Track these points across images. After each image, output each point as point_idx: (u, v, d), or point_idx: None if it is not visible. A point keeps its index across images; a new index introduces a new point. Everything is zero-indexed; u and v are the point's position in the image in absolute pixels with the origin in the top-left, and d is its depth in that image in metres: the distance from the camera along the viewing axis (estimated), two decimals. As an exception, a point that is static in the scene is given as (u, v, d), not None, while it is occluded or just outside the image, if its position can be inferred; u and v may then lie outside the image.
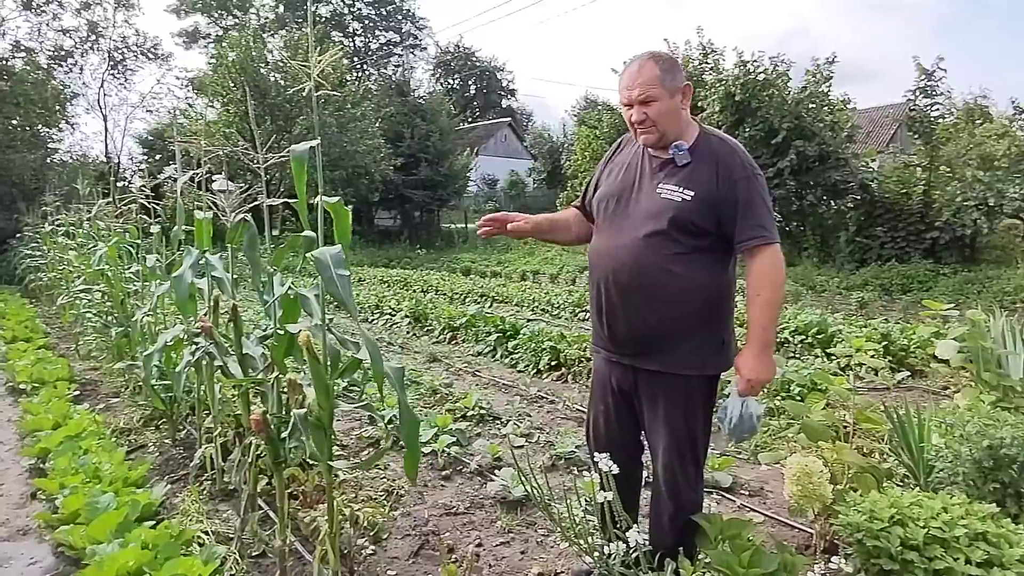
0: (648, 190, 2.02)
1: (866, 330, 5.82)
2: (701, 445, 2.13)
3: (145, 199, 4.62)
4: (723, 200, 1.91)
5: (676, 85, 1.97)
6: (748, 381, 1.94)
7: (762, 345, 1.93)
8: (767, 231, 1.91)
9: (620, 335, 2.07)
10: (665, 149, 2.03)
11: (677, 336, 1.99)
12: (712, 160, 1.95)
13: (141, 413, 4.48)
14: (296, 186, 2.02)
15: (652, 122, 1.95)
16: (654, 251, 1.95)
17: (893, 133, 24.45)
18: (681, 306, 1.96)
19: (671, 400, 2.04)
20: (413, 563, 2.74)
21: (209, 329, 2.98)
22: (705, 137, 2.02)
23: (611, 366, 2.18)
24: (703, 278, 1.97)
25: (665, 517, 2.12)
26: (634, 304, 1.99)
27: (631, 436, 2.27)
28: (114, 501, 2.84)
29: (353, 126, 20.75)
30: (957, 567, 1.75)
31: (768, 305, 1.91)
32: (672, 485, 2.08)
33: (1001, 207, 10.96)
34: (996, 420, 2.49)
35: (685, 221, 1.92)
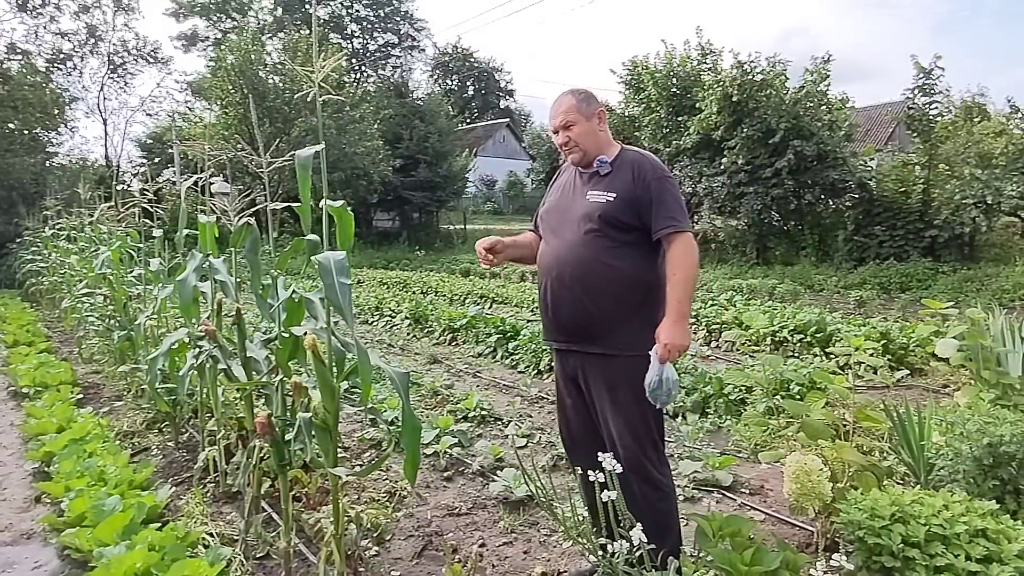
0: (580, 198, 2.34)
1: (865, 329, 5.83)
2: (655, 425, 2.27)
3: (148, 203, 4.64)
4: (640, 198, 2.22)
5: (592, 111, 2.33)
6: (665, 346, 2.13)
7: (677, 315, 2.16)
8: (678, 221, 2.21)
9: (565, 322, 2.31)
10: (591, 165, 2.35)
11: (617, 320, 2.23)
12: (629, 168, 2.29)
13: (144, 416, 4.50)
14: (300, 190, 2.04)
15: (575, 142, 2.31)
16: (590, 247, 2.24)
17: (891, 132, 24.49)
18: (617, 293, 2.23)
19: (619, 381, 2.22)
20: (417, 564, 2.76)
21: (213, 332, 3.00)
22: (623, 152, 2.37)
23: (563, 358, 2.41)
24: (633, 268, 2.25)
25: (635, 504, 2.15)
26: (577, 293, 2.25)
27: (599, 432, 2.35)
28: (120, 503, 2.86)
29: (352, 128, 20.77)
30: (958, 563, 1.77)
31: (682, 283, 2.18)
32: (635, 466, 2.17)
33: (999, 205, 10.99)
34: (996, 418, 2.51)
35: (611, 218, 2.22)
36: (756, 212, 13.47)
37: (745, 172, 13.19)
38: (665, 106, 15.09)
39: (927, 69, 12.50)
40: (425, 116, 25.64)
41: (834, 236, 13.32)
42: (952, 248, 11.81)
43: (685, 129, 14.45)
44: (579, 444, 2.32)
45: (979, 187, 11.01)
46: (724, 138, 13.48)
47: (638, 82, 15.82)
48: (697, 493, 3.23)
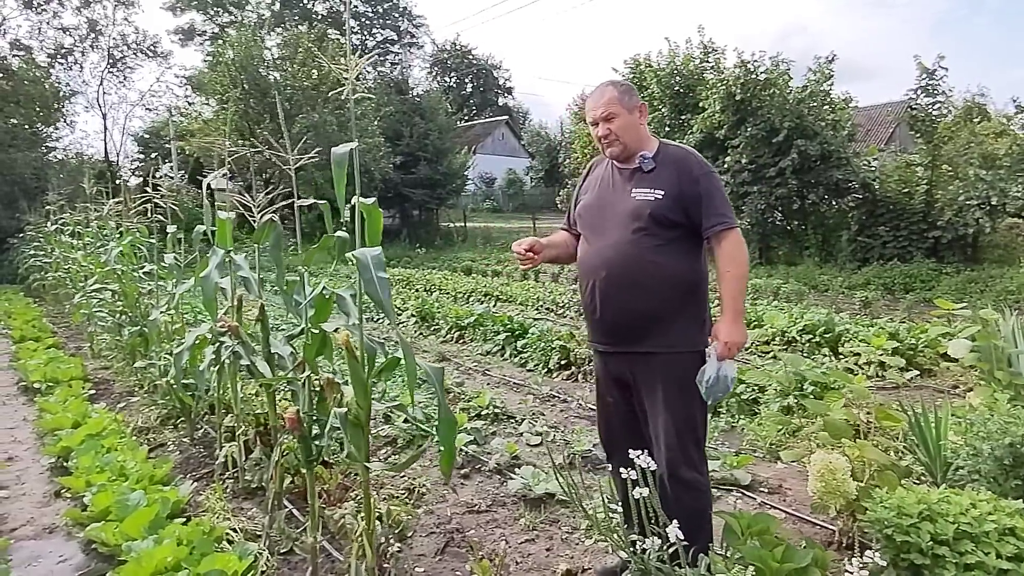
0: (622, 196, 2.29)
1: (874, 329, 5.87)
2: (700, 424, 2.28)
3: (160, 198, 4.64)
4: (687, 195, 2.20)
5: (633, 103, 2.30)
6: (726, 344, 2.15)
7: (734, 313, 2.19)
8: (727, 218, 2.21)
9: (615, 325, 2.29)
10: (630, 160, 2.31)
11: (665, 318, 2.22)
12: (672, 164, 2.26)
13: (158, 412, 4.50)
14: (336, 188, 2.05)
15: (615, 135, 2.26)
16: (637, 245, 2.21)
17: (892, 132, 24.52)
18: (665, 291, 2.21)
19: (668, 379, 2.21)
20: (440, 560, 2.78)
21: (236, 328, 3.01)
22: (664, 147, 2.34)
23: (608, 360, 2.38)
24: (680, 265, 2.24)
25: (672, 502, 2.17)
26: (625, 294, 2.23)
27: (640, 431, 2.36)
28: (144, 499, 2.87)
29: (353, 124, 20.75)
30: (988, 561, 1.79)
31: (736, 279, 2.19)
32: (674, 467, 2.19)
33: (1004, 206, 11.01)
34: (1017, 418, 2.54)
35: (660, 216, 2.20)
36: (760, 212, 13.49)
37: (749, 171, 13.21)
38: (668, 104, 15.09)
39: (930, 69, 12.52)
40: (425, 113, 25.61)
41: (838, 236, 13.35)
42: (955, 249, 11.84)
43: (688, 128, 14.45)
44: (619, 443, 2.31)
45: (983, 188, 11.03)
46: (728, 137, 13.49)
47: (640, 80, 15.80)
48: (717, 492, 3.25)
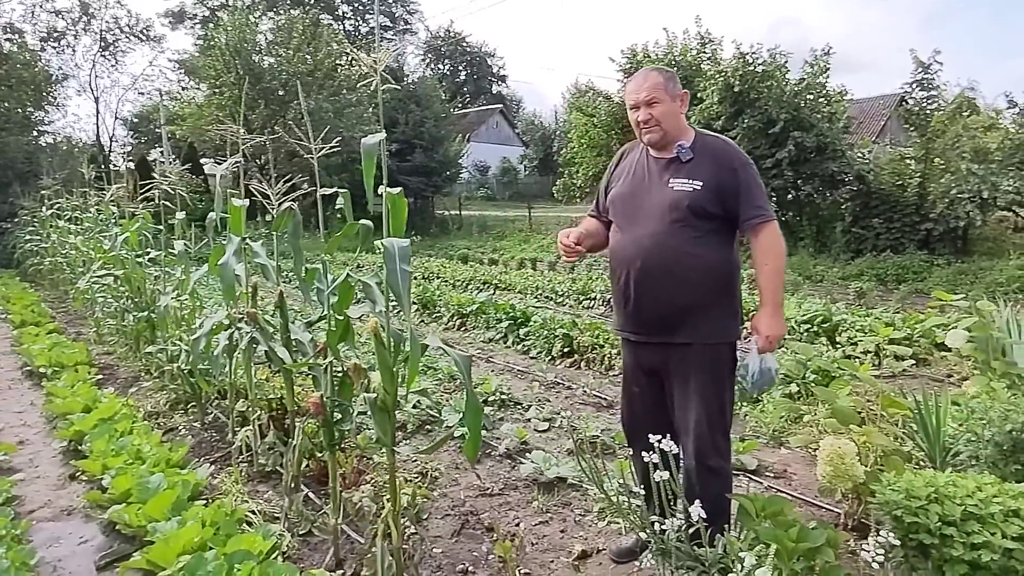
0: (659, 186, 2.28)
1: (870, 319, 5.98)
2: (728, 415, 2.33)
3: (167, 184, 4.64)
4: (726, 187, 2.20)
5: (676, 91, 2.30)
6: (767, 338, 2.20)
7: (774, 306, 2.22)
8: (765, 210, 2.23)
9: (649, 316, 2.29)
10: (667, 149, 2.31)
11: (701, 309, 2.23)
12: (711, 155, 2.25)
13: (167, 397, 4.54)
14: (364, 177, 2.09)
15: (656, 121, 2.25)
16: (674, 236, 2.21)
17: (884, 124, 24.67)
18: (702, 282, 2.22)
19: (702, 370, 2.24)
20: (456, 541, 2.85)
21: (254, 315, 3.05)
22: (701, 137, 2.33)
23: (640, 350, 2.40)
24: (717, 256, 2.25)
25: (698, 488, 2.24)
26: (661, 284, 2.24)
27: (665, 418, 2.40)
28: (164, 481, 2.92)
29: (349, 112, 20.64)
30: (995, 540, 1.88)
31: (775, 272, 2.22)
32: (703, 455, 2.24)
33: (995, 200, 11.16)
34: (1017, 406, 2.63)
35: (698, 207, 2.19)
36: (755, 203, 13.57)
37: (745, 163, 13.27)
38: (665, 95, 15.09)
39: (925, 63, 12.63)
40: (420, 101, 25.49)
41: (832, 228, 13.48)
42: (946, 241, 12.00)
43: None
44: (642, 430, 2.28)
45: (975, 182, 11.17)
46: (725, 128, 13.54)
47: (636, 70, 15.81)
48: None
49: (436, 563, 2.66)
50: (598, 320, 6.79)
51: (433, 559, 2.69)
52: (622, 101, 13.96)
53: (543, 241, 18.64)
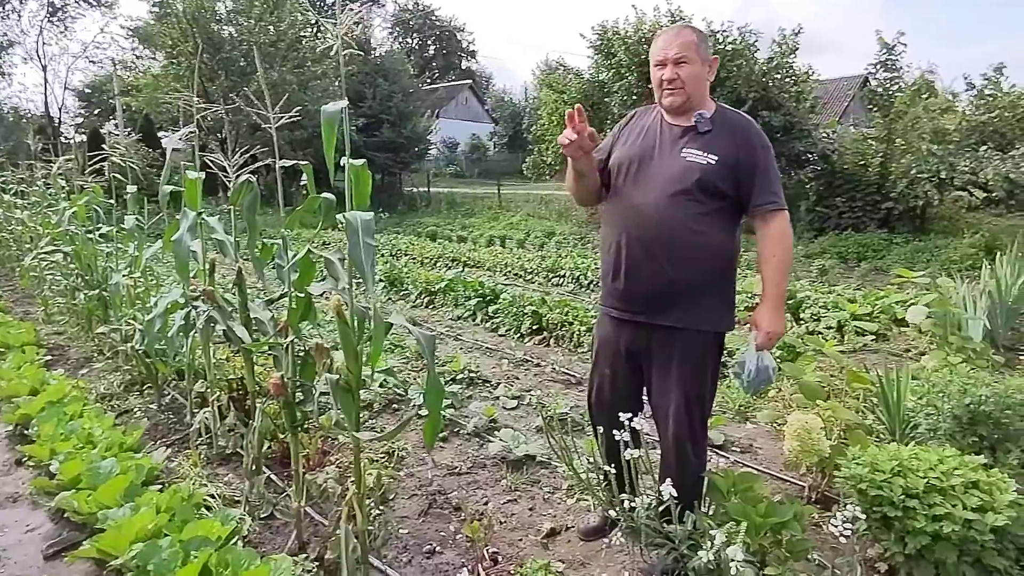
0: (671, 154, 2.12)
1: (832, 296, 6.08)
2: (708, 404, 2.25)
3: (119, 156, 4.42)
4: (742, 166, 2.06)
5: (707, 55, 2.15)
6: (767, 334, 2.09)
7: (778, 301, 2.11)
8: (780, 198, 2.10)
9: (639, 291, 2.15)
10: (684, 117, 2.15)
11: (695, 293, 2.10)
12: (731, 130, 2.11)
13: (121, 378, 4.37)
14: (325, 148, 1.98)
15: (682, 83, 2.08)
16: (679, 209, 2.06)
17: (847, 106, 25.08)
18: (701, 263, 2.09)
19: (686, 357, 2.14)
20: (424, 521, 2.81)
21: (211, 293, 2.92)
22: (722, 109, 2.20)
23: (622, 328, 2.26)
24: (720, 238, 2.11)
25: (674, 472, 2.22)
26: (657, 260, 2.09)
27: (635, 399, 2.36)
28: (116, 466, 2.80)
29: (314, 85, 20.06)
30: (956, 512, 1.91)
31: (782, 265, 2.09)
32: (680, 441, 2.17)
33: (952, 180, 11.44)
34: (976, 379, 2.68)
35: (709, 183, 2.05)
36: (722, 181, 13.69)
37: (713, 141, 13.34)
38: (635, 72, 15.00)
39: (890, 45, 12.78)
40: (388, 75, 24.88)
41: (796, 206, 13.64)
42: (905, 220, 12.28)
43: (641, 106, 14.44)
44: (610, 409, 2.25)
45: (934, 162, 11.43)
46: (694, 106, 13.57)
47: (608, 47, 15.67)
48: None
49: (403, 544, 2.62)
50: (567, 297, 6.77)
51: (399, 540, 2.64)
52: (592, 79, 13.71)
53: (512, 219, 18.53)
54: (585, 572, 2.36)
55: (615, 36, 15.43)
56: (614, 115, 15.09)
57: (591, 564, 2.41)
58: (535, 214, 19.15)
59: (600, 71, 16.33)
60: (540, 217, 18.56)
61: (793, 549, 1.97)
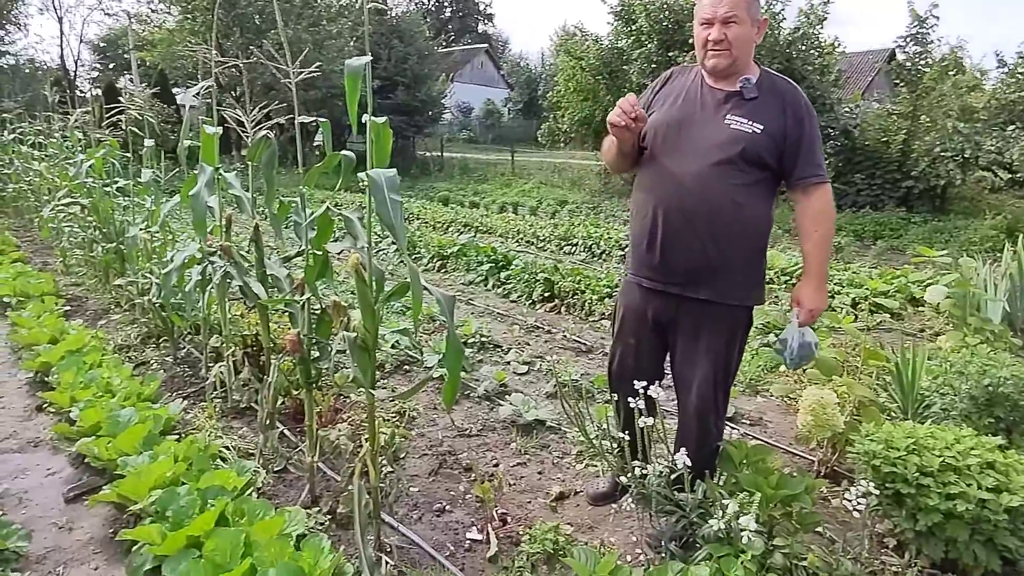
0: (714, 120, 2.02)
1: (848, 273, 6.02)
2: (732, 376, 2.23)
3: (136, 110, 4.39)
4: (788, 136, 1.98)
5: (757, 16, 2.03)
6: (810, 311, 2.06)
7: (819, 278, 2.06)
8: (823, 171, 2.03)
9: (675, 263, 2.08)
10: (728, 81, 2.06)
11: (731, 266, 2.05)
12: (778, 97, 2.02)
13: (138, 331, 4.42)
14: (348, 103, 1.95)
15: (729, 44, 1.98)
16: (721, 179, 1.98)
17: (871, 80, 24.47)
18: (740, 237, 2.03)
19: (716, 330, 2.11)
20: (434, 481, 2.85)
21: (228, 248, 2.92)
22: (768, 75, 2.09)
23: (651, 297, 2.21)
24: (760, 211, 2.05)
25: (693, 443, 2.22)
26: (696, 231, 2.02)
27: (657, 369, 2.34)
28: (136, 415, 2.85)
29: (329, 44, 19.78)
30: (970, 491, 1.90)
31: (824, 240, 2.04)
32: (703, 413, 2.16)
33: (977, 159, 11.20)
34: (996, 361, 2.65)
35: (754, 153, 1.97)
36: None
37: (733, 113, 13.09)
38: (656, 40, 14.69)
39: (923, 17, 12.39)
40: (403, 36, 24.49)
41: (814, 182, 13.45)
42: (925, 199, 12.08)
43: (675, 65, 14.16)
44: (632, 378, 2.15)
45: (959, 140, 11.17)
46: (715, 76, 13.29)
47: (629, 13, 15.31)
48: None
49: (413, 501, 2.66)
50: (579, 266, 6.74)
51: (410, 498, 2.69)
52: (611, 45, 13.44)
53: (525, 186, 18.39)
54: (593, 535, 2.40)
55: (636, 2, 15.06)
56: (633, 83, 14.81)
57: (599, 527, 2.45)
58: (548, 182, 18.99)
59: (620, 38, 15.99)
60: (553, 185, 18.41)
61: (803, 521, 1.98)
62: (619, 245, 8.16)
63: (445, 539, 2.40)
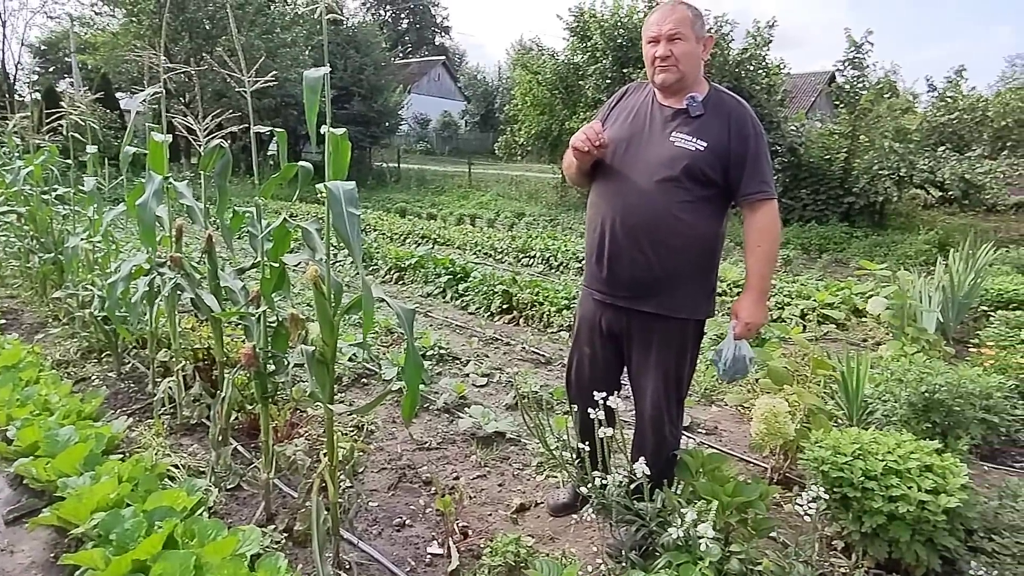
0: (660, 138, 2.07)
1: (796, 285, 6.24)
2: (686, 385, 2.27)
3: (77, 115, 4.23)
4: (734, 153, 2.02)
5: (702, 33, 2.09)
6: (746, 325, 2.09)
7: (760, 292, 2.09)
8: (770, 187, 2.07)
9: (621, 277, 2.13)
10: (676, 98, 2.10)
11: (676, 280, 2.09)
12: (724, 114, 2.06)
13: (79, 345, 4.23)
14: (307, 115, 1.92)
15: (676, 60, 2.03)
16: (665, 196, 2.02)
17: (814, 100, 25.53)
18: (684, 252, 2.06)
19: (665, 343, 2.15)
20: (393, 495, 2.81)
21: (179, 260, 2.84)
22: (716, 92, 2.13)
23: (603, 309, 2.25)
24: (705, 227, 2.08)
25: (649, 452, 2.26)
26: (640, 246, 2.06)
27: (613, 378, 2.38)
28: (75, 434, 2.72)
29: (284, 52, 19.47)
30: (911, 494, 1.99)
31: (768, 256, 2.08)
32: (657, 423, 2.21)
33: (911, 177, 11.81)
34: (931, 369, 2.79)
35: (697, 170, 2.00)
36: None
37: (684, 130, 13.45)
38: (611, 56, 15.00)
39: (858, 43, 13.03)
40: (360, 46, 24.34)
41: (763, 198, 13.91)
42: (865, 215, 12.65)
43: (630, 81, 14.48)
44: (588, 387, 2.25)
45: (895, 159, 11.76)
46: (667, 93, 13.63)
47: (584, 30, 15.62)
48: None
49: (372, 516, 2.62)
50: (537, 278, 6.79)
51: (369, 513, 2.64)
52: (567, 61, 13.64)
53: (483, 198, 18.44)
54: (554, 547, 2.40)
55: (592, 19, 15.37)
56: (588, 98, 15.07)
57: (560, 539, 2.45)
58: (505, 194, 19.09)
59: (575, 53, 16.27)
60: (510, 198, 18.52)
61: (758, 527, 2.04)
62: (576, 257, 8.26)
63: (406, 554, 2.37)
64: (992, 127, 12.24)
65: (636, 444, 2.31)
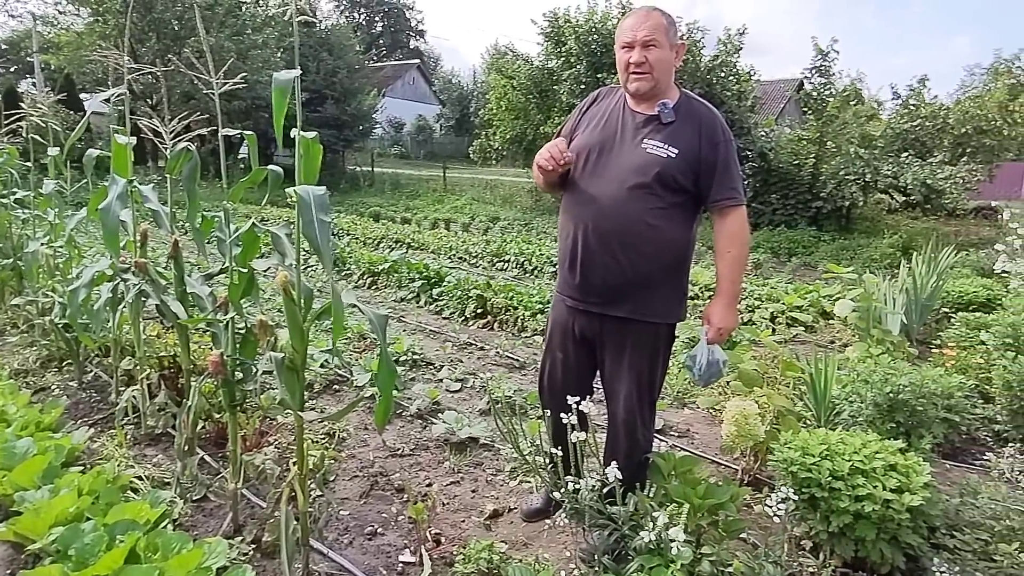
0: (632, 145, 2.08)
1: (766, 288, 6.35)
2: (658, 389, 2.29)
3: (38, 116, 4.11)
4: (704, 160, 2.04)
5: (676, 40, 2.10)
6: (718, 330, 2.11)
7: (730, 297, 2.12)
8: (739, 193, 2.10)
9: (593, 283, 2.14)
10: (648, 104, 2.12)
11: (648, 286, 2.10)
12: (695, 121, 2.08)
13: (37, 354, 4.10)
14: (275, 117, 1.90)
15: (650, 67, 2.04)
16: (637, 202, 2.03)
17: (783, 107, 26.05)
18: (655, 258, 2.08)
19: (637, 347, 2.16)
20: (365, 503, 2.77)
21: (143, 265, 2.77)
22: (687, 99, 2.15)
23: (575, 314, 2.26)
24: (676, 233, 2.10)
25: (621, 455, 2.27)
26: (612, 252, 2.07)
27: (586, 382, 2.39)
28: (33, 446, 2.63)
29: (254, 54, 19.21)
30: (876, 493, 2.03)
31: (737, 261, 2.11)
32: (630, 426, 2.22)
33: (876, 183, 12.11)
34: (896, 370, 2.85)
35: (669, 177, 2.02)
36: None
37: (657, 135, 13.62)
38: (585, 61, 15.12)
39: (825, 52, 13.34)
40: (333, 49, 24.17)
41: (734, 202, 14.13)
42: (832, 219, 12.93)
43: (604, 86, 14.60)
44: (561, 391, 2.25)
45: (860, 165, 12.05)
46: (639, 99, 13.78)
47: (558, 35, 15.72)
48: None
49: (343, 525, 2.58)
50: (511, 282, 6.79)
51: (340, 521, 2.60)
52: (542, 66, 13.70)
53: (457, 202, 18.41)
54: (528, 552, 2.39)
55: (566, 24, 15.47)
56: (563, 103, 15.16)
57: (533, 544, 2.45)
58: (480, 199, 19.08)
59: (550, 58, 16.35)
60: (485, 202, 18.51)
61: (728, 529, 2.05)
62: (551, 261, 8.28)
63: (377, 563, 2.33)
64: (952, 134, 12.60)
65: (609, 448, 2.31)
